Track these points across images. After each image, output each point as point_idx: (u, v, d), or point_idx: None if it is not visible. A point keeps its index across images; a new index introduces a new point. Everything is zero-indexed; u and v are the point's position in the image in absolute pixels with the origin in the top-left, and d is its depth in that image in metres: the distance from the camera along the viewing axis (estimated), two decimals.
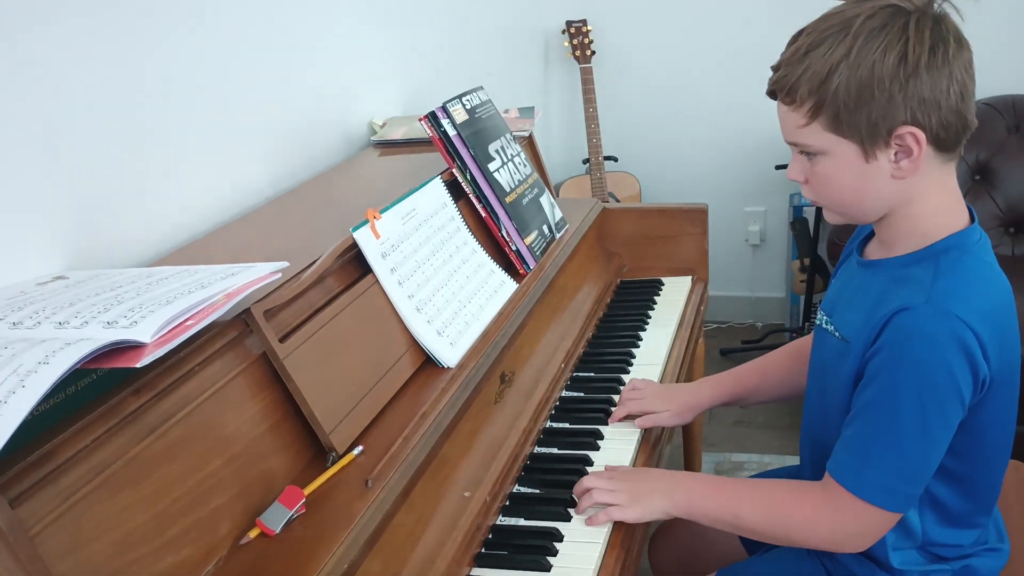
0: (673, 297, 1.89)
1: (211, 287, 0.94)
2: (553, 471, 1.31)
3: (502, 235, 1.58)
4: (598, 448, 1.36)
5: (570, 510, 1.21)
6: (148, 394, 0.91)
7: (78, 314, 0.87)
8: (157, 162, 1.42)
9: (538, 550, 1.14)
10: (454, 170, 1.55)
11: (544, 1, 3.17)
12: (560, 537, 1.16)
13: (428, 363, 1.29)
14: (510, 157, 1.68)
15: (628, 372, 1.59)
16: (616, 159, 3.26)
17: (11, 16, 1.15)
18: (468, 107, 1.61)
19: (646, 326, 1.76)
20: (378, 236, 1.29)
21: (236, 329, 1.04)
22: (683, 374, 1.68)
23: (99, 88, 1.29)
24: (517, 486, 1.27)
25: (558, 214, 1.80)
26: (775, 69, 1.06)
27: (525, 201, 1.67)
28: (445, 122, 1.53)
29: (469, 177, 1.56)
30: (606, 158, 3.11)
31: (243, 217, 1.58)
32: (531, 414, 1.37)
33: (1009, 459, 1.17)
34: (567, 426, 1.43)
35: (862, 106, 0.99)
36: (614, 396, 1.48)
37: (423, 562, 1.04)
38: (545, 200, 1.76)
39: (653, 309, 1.83)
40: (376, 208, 1.32)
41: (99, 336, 0.81)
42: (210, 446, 0.96)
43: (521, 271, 1.59)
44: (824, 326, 1.18)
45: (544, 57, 3.29)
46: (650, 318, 1.79)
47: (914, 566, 1.14)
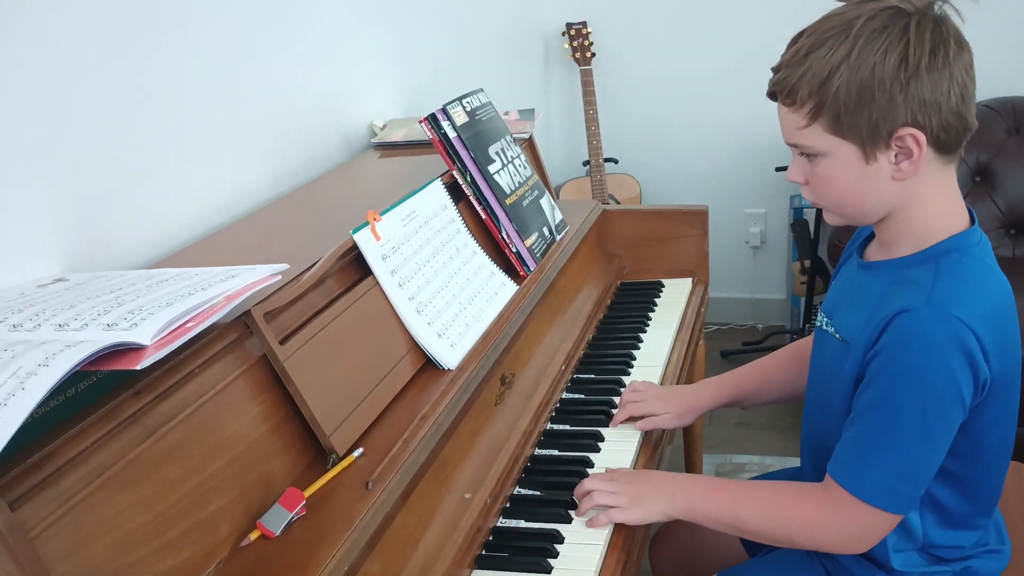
0: (673, 299, 1.88)
1: (211, 289, 0.94)
2: (554, 473, 1.31)
3: (502, 237, 1.58)
4: (599, 450, 1.36)
5: (571, 512, 1.21)
6: (148, 396, 0.91)
7: (78, 316, 0.87)
8: (157, 164, 1.42)
9: (539, 552, 1.14)
10: (454, 172, 1.55)
11: (544, 3, 3.18)
12: (561, 539, 1.16)
13: (428, 365, 1.29)
14: (510, 159, 1.68)
15: (628, 374, 1.59)
16: (616, 161, 3.26)
17: (11, 16, 1.15)
18: (468, 109, 1.61)
19: (646, 328, 1.76)
20: (378, 238, 1.29)
21: (236, 331, 1.04)
22: (684, 376, 1.68)
23: (99, 89, 1.29)
24: (518, 488, 1.27)
25: (558, 216, 1.80)
26: (775, 71, 1.06)
27: (525, 203, 1.67)
28: (445, 124, 1.53)
29: (469, 179, 1.56)
30: (606, 160, 3.12)
31: (243, 219, 1.58)
32: (531, 416, 1.37)
33: (1010, 461, 1.17)
34: (568, 428, 1.43)
35: (863, 107, 0.99)
36: (615, 398, 1.48)
37: (423, 564, 1.03)
38: (545, 202, 1.76)
39: (653, 311, 1.83)
40: (376, 210, 1.32)
41: (99, 338, 0.81)
42: (210, 448, 0.96)
43: (521, 273, 1.59)
44: (824, 328, 1.18)
45: (544, 59, 3.29)
46: (650, 320, 1.79)
47: (915, 568, 1.14)
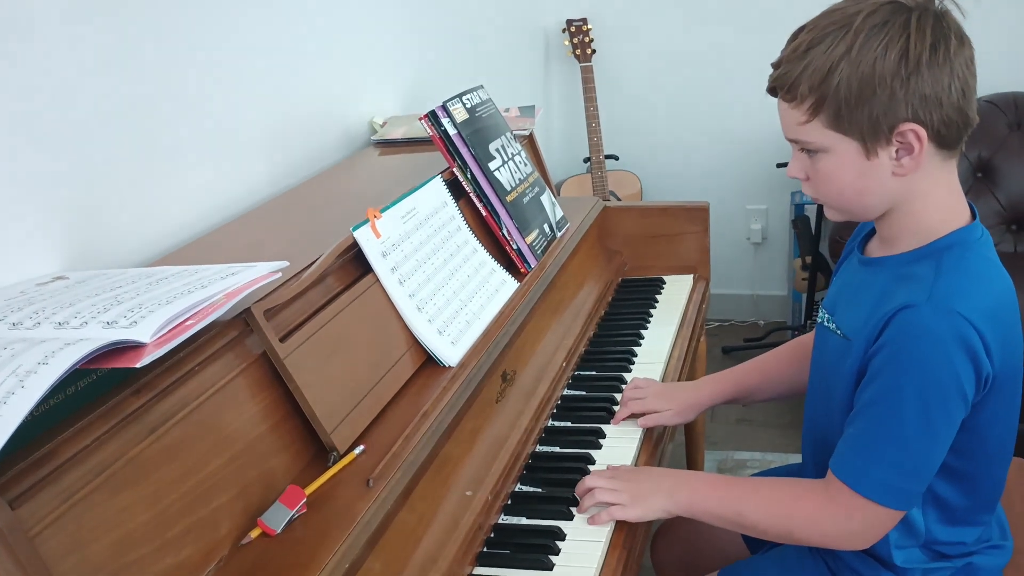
0: (675, 295, 1.88)
1: (211, 287, 0.94)
2: (555, 470, 1.31)
3: (503, 234, 1.58)
4: (600, 447, 1.36)
5: (572, 509, 1.21)
6: (148, 394, 0.90)
7: (78, 314, 0.87)
8: (157, 162, 1.42)
9: (540, 549, 1.14)
10: (454, 169, 1.55)
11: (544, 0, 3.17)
12: (562, 536, 1.16)
13: (429, 362, 1.29)
14: (511, 156, 1.68)
15: (630, 371, 1.59)
16: (617, 157, 3.26)
17: (11, 17, 1.15)
18: (468, 106, 1.61)
19: (648, 324, 1.76)
20: (378, 235, 1.29)
21: (236, 329, 1.04)
22: (685, 372, 1.68)
23: (99, 87, 1.29)
24: (519, 485, 1.27)
25: (559, 213, 1.79)
26: (775, 66, 1.06)
27: (526, 200, 1.67)
28: (445, 121, 1.53)
29: (470, 176, 1.55)
30: (607, 156, 3.11)
31: (243, 216, 1.58)
32: (533, 413, 1.37)
33: (1012, 456, 1.16)
34: (569, 425, 1.43)
35: (863, 103, 0.98)
36: (616, 395, 1.48)
37: (425, 561, 1.03)
38: (546, 199, 1.76)
39: (655, 308, 1.83)
40: (376, 207, 1.32)
41: (99, 336, 0.81)
42: (210, 446, 0.96)
43: (522, 270, 1.58)
44: (826, 324, 1.18)
45: (544, 56, 3.28)
46: (652, 316, 1.79)
47: (917, 564, 1.14)
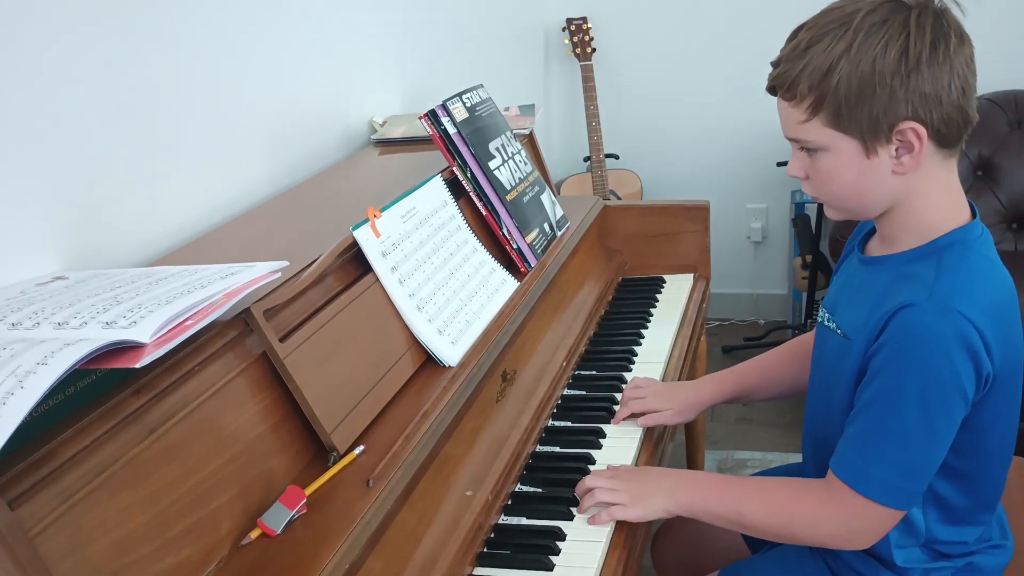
0: (675, 295, 1.88)
1: (211, 287, 0.94)
2: (555, 470, 1.31)
3: (503, 233, 1.58)
4: (600, 447, 1.36)
5: (572, 509, 1.20)
6: (148, 394, 0.90)
7: (77, 314, 0.87)
8: (156, 161, 1.42)
9: (541, 549, 1.13)
10: (454, 168, 1.55)
11: None
12: (563, 536, 1.16)
13: (429, 362, 1.29)
14: (511, 155, 1.68)
15: (630, 370, 1.59)
16: (617, 157, 3.25)
17: (11, 17, 1.14)
18: (468, 105, 1.61)
19: (648, 324, 1.76)
20: (378, 235, 1.29)
21: (236, 329, 1.04)
22: (685, 372, 1.67)
23: (98, 87, 1.29)
24: (519, 485, 1.27)
25: (559, 212, 1.79)
26: (775, 65, 1.06)
27: (526, 199, 1.67)
28: (445, 120, 1.53)
29: (469, 175, 1.55)
30: (607, 156, 3.11)
31: (243, 216, 1.58)
32: (533, 413, 1.36)
33: (1012, 456, 1.16)
34: (569, 424, 1.43)
35: (863, 102, 0.98)
36: (616, 394, 1.47)
37: (425, 561, 1.03)
38: (546, 198, 1.76)
39: (655, 307, 1.83)
40: (376, 207, 1.32)
41: (98, 336, 0.81)
42: (210, 446, 0.96)
43: (522, 269, 1.58)
44: (826, 323, 1.17)
45: (544, 55, 3.28)
46: (652, 316, 1.79)
47: (918, 564, 1.14)
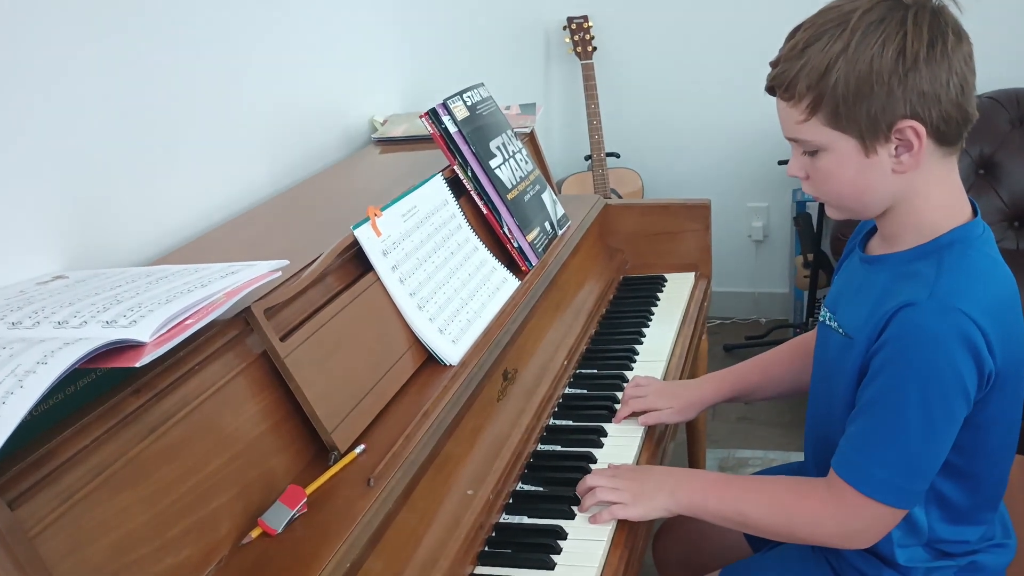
0: (676, 293, 1.88)
1: (211, 286, 0.94)
2: (556, 469, 1.31)
3: (504, 232, 1.57)
4: (601, 445, 1.35)
5: (574, 508, 1.20)
6: (148, 394, 0.90)
7: (77, 314, 0.87)
8: (157, 160, 1.42)
9: (542, 548, 1.13)
10: (455, 167, 1.55)
11: None
12: (564, 535, 1.16)
13: (430, 361, 1.29)
14: (511, 154, 1.67)
15: (631, 369, 1.58)
16: (618, 155, 3.25)
17: (12, 16, 1.14)
18: (469, 104, 1.61)
19: (649, 322, 1.75)
20: (379, 234, 1.29)
21: (236, 328, 1.03)
22: (686, 370, 1.67)
23: (99, 87, 1.29)
24: (520, 484, 1.26)
25: (560, 211, 1.79)
26: (773, 65, 1.06)
27: (527, 198, 1.66)
28: (446, 119, 1.53)
29: (470, 174, 1.55)
30: (608, 154, 3.11)
31: (243, 215, 1.58)
32: (534, 411, 1.36)
33: (1015, 454, 1.16)
34: (570, 423, 1.43)
35: (861, 100, 0.98)
36: (617, 393, 1.47)
37: (426, 561, 1.03)
38: (547, 197, 1.76)
39: (656, 305, 1.83)
40: (377, 205, 1.32)
41: (98, 336, 0.81)
42: (210, 446, 0.96)
43: (523, 268, 1.58)
44: (828, 323, 1.17)
45: (545, 53, 3.28)
46: (653, 314, 1.79)
47: (920, 563, 1.13)
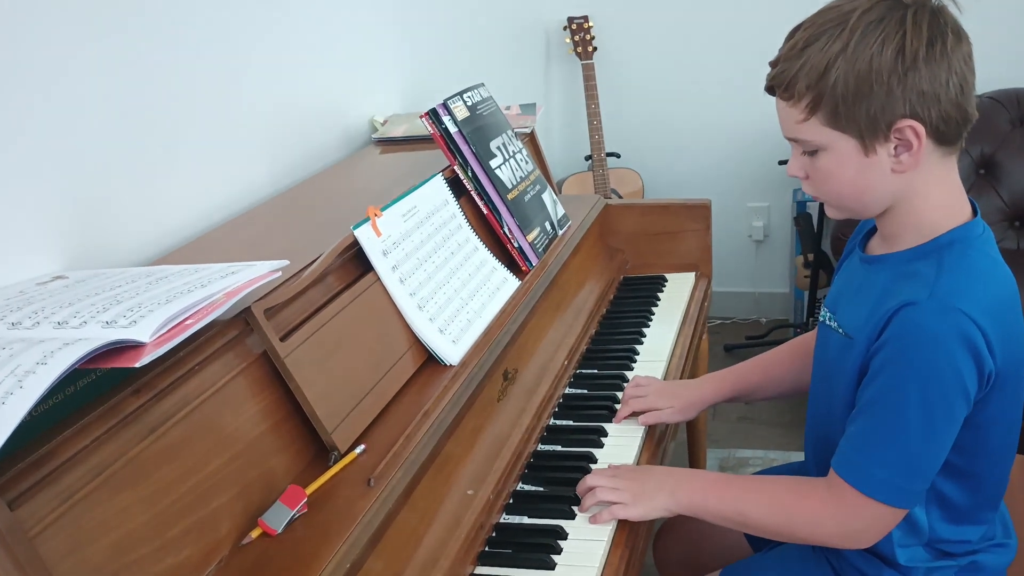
0: (676, 293, 1.88)
1: (211, 286, 0.94)
2: (557, 469, 1.31)
3: (504, 232, 1.57)
4: (602, 445, 1.35)
5: (574, 508, 1.20)
6: (148, 394, 0.90)
7: (77, 314, 0.87)
8: (157, 161, 1.42)
9: (542, 548, 1.13)
10: (455, 167, 1.55)
11: None
12: (564, 535, 1.16)
13: (430, 361, 1.29)
14: (512, 154, 1.67)
15: (632, 369, 1.58)
16: (619, 155, 3.25)
17: (12, 16, 1.14)
18: (469, 104, 1.61)
19: (649, 322, 1.75)
20: (379, 234, 1.29)
21: (236, 328, 1.03)
22: (687, 370, 1.67)
23: (99, 87, 1.29)
24: (521, 484, 1.26)
25: (560, 211, 1.79)
26: (773, 64, 1.06)
27: (527, 198, 1.66)
28: (446, 119, 1.53)
29: (471, 174, 1.55)
30: (608, 154, 3.11)
31: (244, 215, 1.58)
32: (534, 411, 1.36)
33: (1015, 454, 1.16)
34: (570, 423, 1.43)
35: (860, 100, 0.98)
36: (618, 393, 1.47)
37: (426, 561, 1.03)
38: (547, 197, 1.76)
39: (656, 305, 1.83)
40: (377, 206, 1.31)
41: (98, 336, 0.81)
42: (210, 446, 0.95)
43: (523, 268, 1.58)
44: (828, 323, 1.17)
45: (546, 53, 3.28)
46: (653, 314, 1.79)
47: (920, 563, 1.13)
